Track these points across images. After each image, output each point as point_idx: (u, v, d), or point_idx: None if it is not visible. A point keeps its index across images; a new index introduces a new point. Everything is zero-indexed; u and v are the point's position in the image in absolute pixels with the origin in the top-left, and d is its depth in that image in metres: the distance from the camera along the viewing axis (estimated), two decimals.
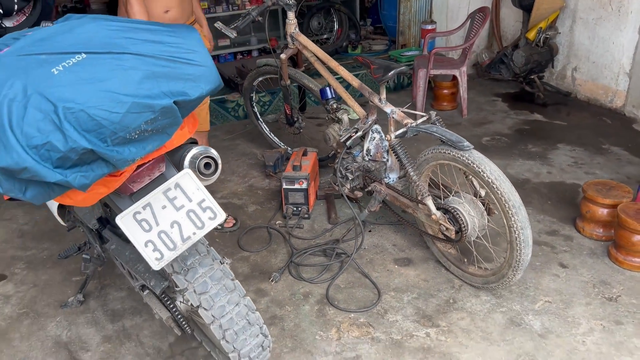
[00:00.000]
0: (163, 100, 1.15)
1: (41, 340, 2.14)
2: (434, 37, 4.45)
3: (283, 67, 2.92)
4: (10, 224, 2.95)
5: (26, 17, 2.20)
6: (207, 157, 1.47)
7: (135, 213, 1.36)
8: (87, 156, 1.11)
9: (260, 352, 1.72)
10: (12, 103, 1.05)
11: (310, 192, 2.82)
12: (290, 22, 2.75)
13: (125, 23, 1.23)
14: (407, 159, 2.22)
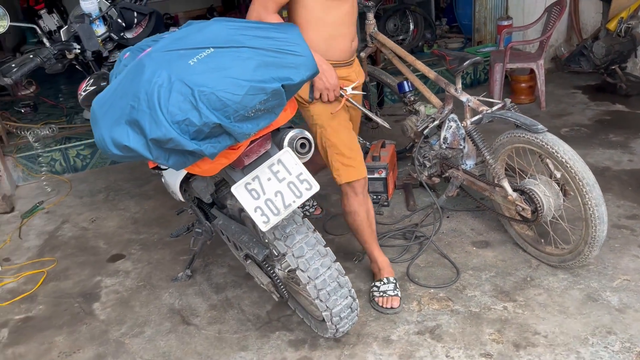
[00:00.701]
0: (273, 84, 1.41)
1: (158, 307, 2.47)
2: (511, 32, 4.50)
3: (363, 65, 3.13)
4: (124, 212, 3.36)
5: (142, 29, 2.55)
6: (302, 138, 1.71)
7: (246, 184, 1.62)
8: (216, 130, 1.38)
9: (349, 313, 1.93)
10: (161, 88, 1.34)
11: (389, 181, 3.00)
12: (369, 22, 2.96)
13: (241, 23, 1.50)
14: (483, 143, 2.36)
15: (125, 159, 1.46)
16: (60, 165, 3.98)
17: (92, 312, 2.50)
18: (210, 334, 2.27)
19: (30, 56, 2.29)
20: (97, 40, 2.38)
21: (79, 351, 2.27)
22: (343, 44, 2.00)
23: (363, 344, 2.10)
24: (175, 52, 1.39)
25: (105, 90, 1.48)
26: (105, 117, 1.42)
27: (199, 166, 1.54)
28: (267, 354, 2.12)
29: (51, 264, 2.89)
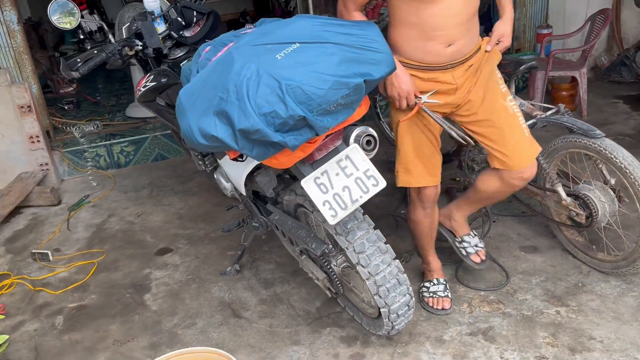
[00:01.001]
0: (356, 79, 1.44)
1: (208, 300, 2.52)
2: (551, 40, 4.49)
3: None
4: (169, 208, 3.42)
5: (200, 28, 2.61)
6: (368, 135, 1.74)
7: (315, 178, 1.66)
8: (299, 123, 1.42)
9: (406, 311, 1.95)
10: (249, 81, 1.39)
11: None
12: None
13: (324, 20, 1.54)
14: None
15: (210, 148, 1.51)
16: (105, 161, 4.07)
17: (144, 302, 2.55)
18: (261, 327, 2.30)
19: (95, 52, 2.37)
20: (158, 37, 2.44)
21: (133, 340, 2.32)
22: (434, 47, 1.83)
23: (415, 343, 2.12)
24: (263, 47, 1.44)
25: (192, 82, 1.53)
26: (192, 107, 1.47)
27: (277, 158, 1.58)
28: (319, 349, 2.15)
29: (100, 256, 2.96)
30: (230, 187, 2.55)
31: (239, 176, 1.97)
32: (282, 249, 2.82)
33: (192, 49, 2.52)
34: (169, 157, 4.17)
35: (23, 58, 3.84)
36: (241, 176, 1.96)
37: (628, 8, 4.59)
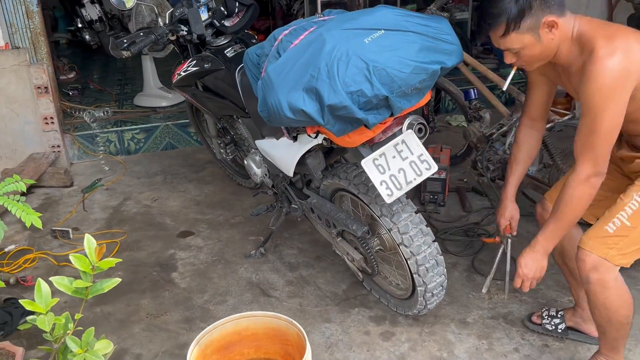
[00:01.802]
0: (433, 66, 1.60)
1: (236, 279, 2.61)
2: None
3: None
4: (185, 194, 3.49)
5: (239, 19, 2.73)
6: (420, 124, 1.88)
7: (374, 159, 1.79)
8: (380, 102, 1.56)
9: (440, 291, 2.09)
10: (340, 62, 1.52)
11: (447, 183, 3.17)
12: None
13: (403, 10, 1.69)
14: (555, 149, 2.55)
15: (294, 122, 1.62)
16: (115, 147, 4.11)
17: (172, 280, 2.63)
18: (292, 305, 2.41)
19: (141, 34, 2.46)
20: (202, 24, 2.54)
21: (166, 314, 2.40)
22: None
23: (441, 324, 2.26)
24: (352, 31, 1.57)
25: (280, 60, 1.64)
26: (282, 84, 1.58)
27: (350, 137, 1.71)
28: (350, 326, 2.27)
29: (121, 236, 3.02)
30: (260, 172, 2.66)
31: (292, 157, 2.09)
32: (303, 236, 2.94)
33: (233, 38, 2.63)
34: (178, 146, 4.24)
35: (39, 40, 3.86)
36: (294, 157, 2.07)
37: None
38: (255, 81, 1.88)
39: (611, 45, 1.51)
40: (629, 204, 1.69)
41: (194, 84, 2.71)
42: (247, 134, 2.69)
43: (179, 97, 4.54)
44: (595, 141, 1.58)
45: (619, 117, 1.57)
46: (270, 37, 1.78)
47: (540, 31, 1.58)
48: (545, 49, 1.62)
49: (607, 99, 1.53)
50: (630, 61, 1.52)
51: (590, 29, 1.59)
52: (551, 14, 1.56)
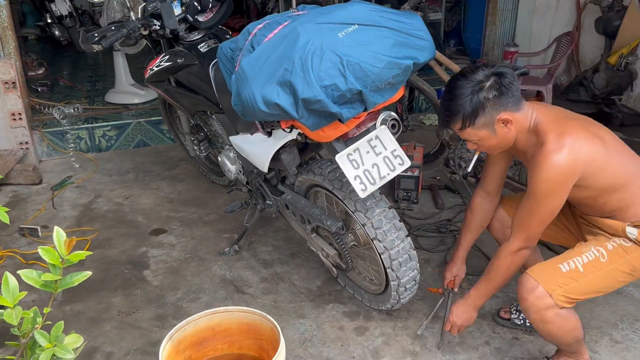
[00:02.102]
0: (406, 61, 1.61)
1: (209, 277, 2.59)
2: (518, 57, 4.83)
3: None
4: (158, 192, 3.45)
5: (213, 14, 2.71)
6: (393, 120, 1.90)
7: (348, 154, 1.80)
8: (354, 97, 1.57)
9: (412, 285, 2.11)
10: (314, 55, 1.52)
11: (420, 180, 3.21)
12: None
13: (376, 6, 1.70)
14: None
15: (268, 116, 1.62)
16: (86, 144, 4.04)
17: (144, 278, 2.60)
18: (266, 302, 2.40)
19: (112, 28, 2.42)
20: (176, 19, 2.52)
21: (138, 311, 2.37)
22: None
23: (414, 318, 2.28)
24: (326, 25, 1.58)
25: (254, 53, 1.64)
26: (256, 77, 1.58)
27: (324, 131, 1.71)
28: (324, 322, 2.27)
29: (92, 234, 2.97)
30: (235, 169, 2.65)
31: (266, 153, 2.08)
32: (277, 233, 2.93)
33: (207, 34, 2.61)
34: (151, 144, 4.18)
35: (7, 34, 3.77)
36: (268, 153, 2.07)
37: (586, 33, 5.00)
38: (229, 76, 1.87)
39: (560, 141, 1.61)
40: (587, 253, 1.78)
41: (167, 80, 2.68)
42: (221, 130, 2.67)
43: (151, 93, 4.49)
44: (531, 222, 1.73)
45: (556, 207, 1.70)
46: (244, 31, 1.77)
47: (495, 126, 1.67)
48: (501, 141, 1.71)
49: (549, 190, 1.64)
50: (577, 159, 1.61)
51: (546, 122, 1.67)
52: (506, 111, 1.64)
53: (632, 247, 1.75)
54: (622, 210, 1.74)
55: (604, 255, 1.76)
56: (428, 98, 3.36)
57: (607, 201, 1.74)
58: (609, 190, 1.71)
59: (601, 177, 1.68)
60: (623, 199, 1.73)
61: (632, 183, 1.73)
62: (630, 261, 1.76)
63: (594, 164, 1.64)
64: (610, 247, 1.77)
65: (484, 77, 1.62)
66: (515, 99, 1.64)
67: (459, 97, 1.62)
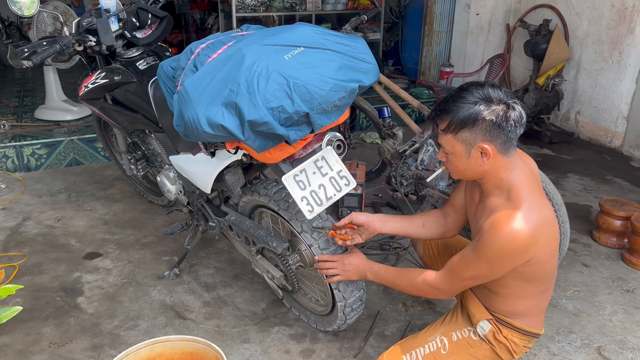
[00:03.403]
0: (352, 84, 1.61)
1: (148, 302, 2.48)
2: (453, 77, 5.01)
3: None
4: (92, 213, 3.30)
5: (152, 31, 2.63)
6: (339, 140, 1.90)
7: (294, 175, 1.77)
8: (301, 119, 1.54)
9: (359, 305, 2.10)
10: (260, 77, 1.49)
11: (363, 198, 3.23)
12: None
13: (321, 29, 1.69)
14: None
15: (213, 138, 1.57)
16: (13, 163, 3.81)
17: (78, 305, 2.46)
18: (209, 327, 2.33)
19: (44, 43, 2.31)
20: (112, 35, 2.43)
21: (72, 342, 2.23)
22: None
23: (360, 338, 2.27)
24: (272, 47, 1.55)
25: (198, 73, 1.59)
26: (200, 98, 1.53)
27: (270, 153, 1.67)
28: (270, 346, 2.22)
29: (20, 259, 2.79)
30: (175, 189, 2.58)
31: (210, 174, 2.02)
32: (220, 255, 2.86)
33: (146, 51, 2.54)
34: (84, 162, 4.01)
35: None
36: (212, 174, 2.01)
37: (517, 55, 5.26)
38: (170, 95, 1.82)
39: (526, 218, 1.50)
40: (431, 342, 1.79)
41: (103, 97, 2.57)
42: (161, 149, 2.59)
43: (85, 110, 4.32)
44: (463, 274, 1.65)
45: (494, 277, 1.61)
46: (187, 50, 1.73)
47: (472, 150, 1.56)
48: (469, 169, 1.61)
49: (496, 258, 1.54)
50: (536, 242, 1.52)
51: (521, 190, 1.56)
52: (491, 143, 1.53)
53: (478, 342, 1.76)
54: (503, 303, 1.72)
55: (445, 347, 1.76)
56: (369, 117, 3.40)
57: (510, 296, 1.68)
58: (526, 290, 1.66)
59: (537, 269, 1.60)
60: (522, 304, 1.70)
61: (544, 295, 1.72)
62: (474, 354, 1.76)
63: (545, 251, 1.57)
64: (454, 338, 1.78)
65: (497, 100, 1.52)
66: (508, 140, 1.53)
67: (462, 100, 1.54)
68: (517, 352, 1.76)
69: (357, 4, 5.75)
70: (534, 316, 1.74)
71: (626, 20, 4.23)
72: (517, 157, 1.61)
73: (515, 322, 1.72)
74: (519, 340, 1.74)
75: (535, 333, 1.76)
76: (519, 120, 1.53)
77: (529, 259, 1.55)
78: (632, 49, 4.22)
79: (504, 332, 1.73)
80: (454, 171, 1.67)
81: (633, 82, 4.27)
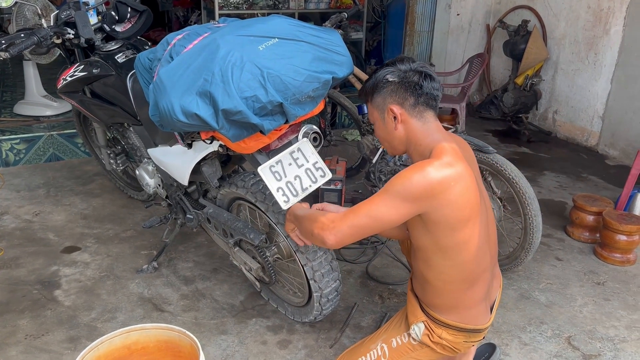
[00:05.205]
0: (325, 75, 1.63)
1: (126, 295, 2.49)
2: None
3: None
4: (71, 208, 3.29)
5: (131, 25, 2.64)
6: (315, 133, 1.93)
7: (270, 166, 1.80)
8: (275, 109, 1.57)
9: (335, 296, 2.13)
10: (234, 67, 1.51)
11: (342, 194, 3.26)
12: None
13: (296, 21, 1.71)
14: None
15: (188, 127, 1.58)
16: None
17: (55, 298, 2.45)
18: (187, 319, 2.34)
19: (22, 35, 2.31)
20: (91, 28, 2.43)
21: (48, 334, 2.23)
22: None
23: (337, 329, 2.30)
24: (246, 38, 1.58)
25: (173, 63, 1.60)
26: (174, 87, 1.54)
27: (245, 143, 1.69)
28: (247, 337, 2.24)
29: None
30: (153, 183, 2.58)
31: (186, 165, 2.04)
32: (199, 249, 2.87)
33: (125, 44, 2.55)
34: (64, 158, 3.99)
35: None
36: (189, 165, 2.03)
37: (496, 55, 5.34)
38: (147, 86, 1.83)
39: (438, 165, 1.45)
40: (372, 351, 1.78)
41: (82, 90, 2.57)
42: (139, 142, 2.59)
43: (65, 105, 4.29)
44: (361, 210, 1.51)
45: (387, 218, 1.48)
46: (163, 41, 1.74)
47: (385, 115, 1.57)
48: (389, 136, 1.60)
49: (399, 190, 1.46)
50: (436, 183, 1.43)
51: (442, 150, 1.49)
52: (400, 106, 1.53)
53: (418, 345, 1.73)
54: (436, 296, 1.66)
55: (385, 355, 1.75)
56: (350, 114, 3.44)
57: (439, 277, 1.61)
58: (451, 273, 1.59)
59: (449, 232, 1.50)
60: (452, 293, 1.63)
61: (474, 289, 1.63)
62: (417, 357, 1.74)
63: (454, 209, 1.47)
64: (394, 344, 1.75)
65: (403, 65, 1.54)
66: (418, 104, 1.53)
67: (376, 71, 1.57)
68: (458, 349, 1.72)
69: (339, 2, 5.79)
70: (465, 310, 1.66)
71: (602, 21, 4.32)
72: (439, 128, 1.58)
73: (446, 319, 1.66)
74: (453, 337, 1.68)
75: (470, 329, 1.68)
76: (426, 85, 1.52)
77: (432, 207, 1.45)
78: (607, 50, 4.31)
79: (437, 332, 1.68)
80: (381, 142, 1.65)
81: (608, 82, 4.36)
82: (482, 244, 1.59)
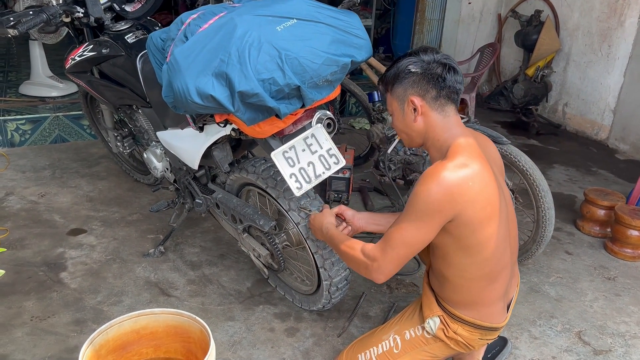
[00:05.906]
0: (344, 59, 1.59)
1: (133, 279, 2.46)
2: None
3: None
4: (77, 190, 3.26)
5: (141, 5, 2.59)
6: (329, 119, 1.89)
7: (284, 152, 1.76)
8: (292, 92, 1.53)
9: (345, 285, 2.11)
10: (251, 47, 1.47)
11: (350, 182, 3.23)
12: None
13: (315, 2, 1.67)
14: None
15: (202, 109, 1.55)
16: None
17: (61, 280, 2.43)
18: (193, 305, 2.32)
19: (30, 12, 2.27)
20: (101, 7, 2.39)
21: (54, 316, 2.21)
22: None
23: (345, 319, 2.28)
24: (264, 18, 1.53)
25: (188, 43, 1.56)
26: (190, 67, 1.50)
27: (260, 127, 1.66)
28: (254, 324, 2.22)
29: (2, 233, 2.75)
30: (161, 166, 2.55)
31: (197, 149, 2.00)
32: (206, 234, 2.85)
33: (135, 24, 2.50)
34: (70, 139, 3.96)
35: None
36: (200, 149, 1.99)
37: (507, 45, 5.27)
38: (159, 67, 1.79)
39: (453, 167, 1.44)
40: (384, 342, 1.76)
41: (90, 71, 2.53)
42: (148, 125, 2.56)
43: (71, 86, 4.25)
44: (395, 239, 1.52)
45: (421, 239, 1.50)
46: (177, 20, 1.70)
47: (405, 106, 1.55)
48: (407, 128, 1.58)
49: (423, 209, 1.46)
50: (455, 189, 1.43)
51: (459, 148, 1.48)
52: (421, 97, 1.52)
53: (432, 339, 1.72)
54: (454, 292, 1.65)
55: (398, 346, 1.73)
56: (359, 100, 3.39)
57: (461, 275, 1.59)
58: (471, 270, 1.58)
59: (470, 232, 1.50)
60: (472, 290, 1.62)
61: (494, 285, 1.62)
62: (430, 351, 1.73)
63: (475, 209, 1.46)
64: (407, 336, 1.73)
65: (426, 57, 1.51)
66: (440, 97, 1.50)
67: (397, 61, 1.55)
68: (472, 346, 1.71)
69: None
70: (483, 307, 1.65)
71: (617, 13, 4.25)
72: (458, 122, 1.55)
73: (463, 315, 1.65)
74: (468, 334, 1.67)
75: (487, 326, 1.67)
76: (450, 77, 1.50)
77: (457, 212, 1.45)
78: (622, 42, 4.24)
79: (452, 327, 1.66)
80: (399, 134, 1.64)
81: (621, 75, 4.30)
82: (502, 240, 1.57)
